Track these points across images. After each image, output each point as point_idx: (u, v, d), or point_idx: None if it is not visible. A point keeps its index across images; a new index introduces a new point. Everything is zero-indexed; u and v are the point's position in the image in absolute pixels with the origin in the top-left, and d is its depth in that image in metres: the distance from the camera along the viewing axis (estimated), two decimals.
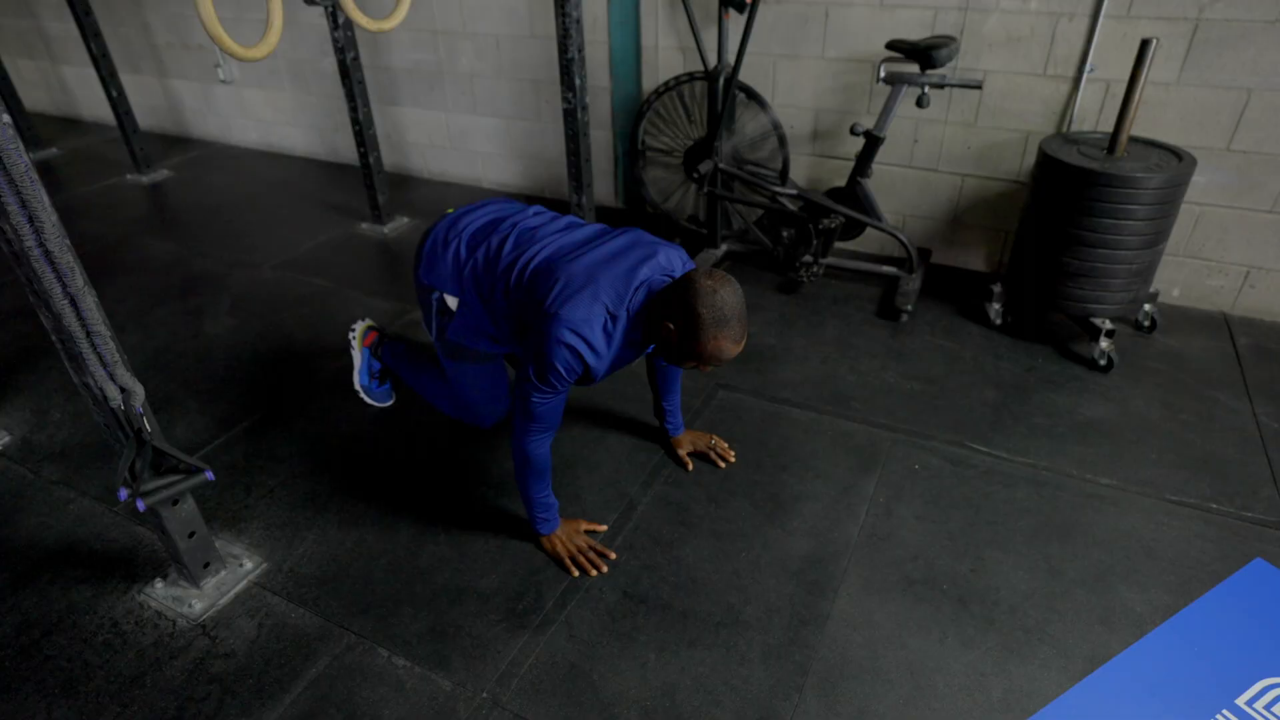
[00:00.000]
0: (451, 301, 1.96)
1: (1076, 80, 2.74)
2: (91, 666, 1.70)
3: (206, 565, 1.88)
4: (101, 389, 1.51)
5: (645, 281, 1.69)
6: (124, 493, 1.61)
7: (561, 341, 1.62)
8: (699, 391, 2.53)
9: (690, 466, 2.21)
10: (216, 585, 1.88)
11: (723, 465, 2.21)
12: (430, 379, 2.31)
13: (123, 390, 1.54)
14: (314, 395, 2.58)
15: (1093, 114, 2.77)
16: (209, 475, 1.71)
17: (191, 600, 1.84)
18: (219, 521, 2.08)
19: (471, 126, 4.11)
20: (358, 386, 2.48)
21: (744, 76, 3.21)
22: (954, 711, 1.57)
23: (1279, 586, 1.82)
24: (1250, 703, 1.57)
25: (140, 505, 1.62)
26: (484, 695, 1.62)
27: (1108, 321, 2.56)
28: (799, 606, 1.79)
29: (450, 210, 2.04)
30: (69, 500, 2.17)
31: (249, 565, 1.94)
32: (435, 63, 3.98)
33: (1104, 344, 2.56)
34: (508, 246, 1.84)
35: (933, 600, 1.80)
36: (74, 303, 1.42)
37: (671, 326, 1.62)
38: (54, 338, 1.46)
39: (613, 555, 1.92)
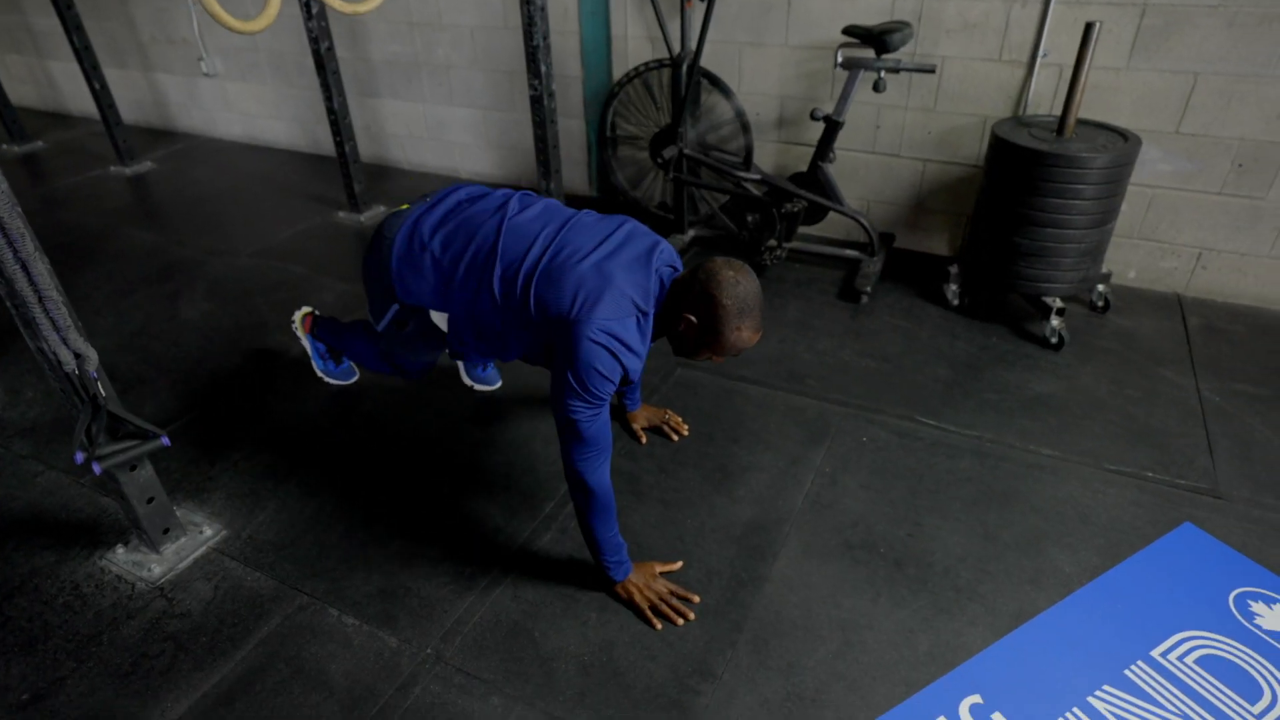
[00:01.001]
0: (439, 318, 1.82)
1: (1031, 65, 2.80)
2: (51, 626, 1.76)
3: (166, 531, 1.93)
4: (55, 353, 1.57)
5: (657, 274, 1.63)
6: (80, 456, 1.67)
7: (597, 343, 1.52)
8: (659, 370, 2.58)
9: (644, 440, 2.25)
10: (176, 551, 1.94)
11: (675, 439, 2.26)
12: (360, 343, 2.25)
13: (76, 355, 1.60)
14: (281, 375, 2.64)
15: (1047, 98, 2.83)
16: (165, 441, 1.77)
17: (151, 565, 1.90)
18: (182, 492, 2.13)
19: (448, 117, 4.16)
20: (319, 374, 2.53)
21: (710, 65, 3.27)
22: (880, 664, 1.62)
23: (1205, 548, 1.87)
24: (1165, 654, 1.62)
25: (96, 468, 1.68)
26: (428, 651, 1.68)
27: (1059, 300, 2.62)
28: (739, 569, 1.85)
29: (404, 207, 1.86)
30: (37, 473, 2.22)
31: (209, 532, 1.99)
32: (412, 54, 4.04)
33: (1055, 322, 2.61)
34: (496, 255, 1.67)
35: (869, 563, 1.85)
36: (25, 268, 1.47)
37: (693, 319, 1.57)
38: (8, 304, 1.52)
39: (696, 599, 1.76)
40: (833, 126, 2.90)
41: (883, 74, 2.74)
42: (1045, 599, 1.76)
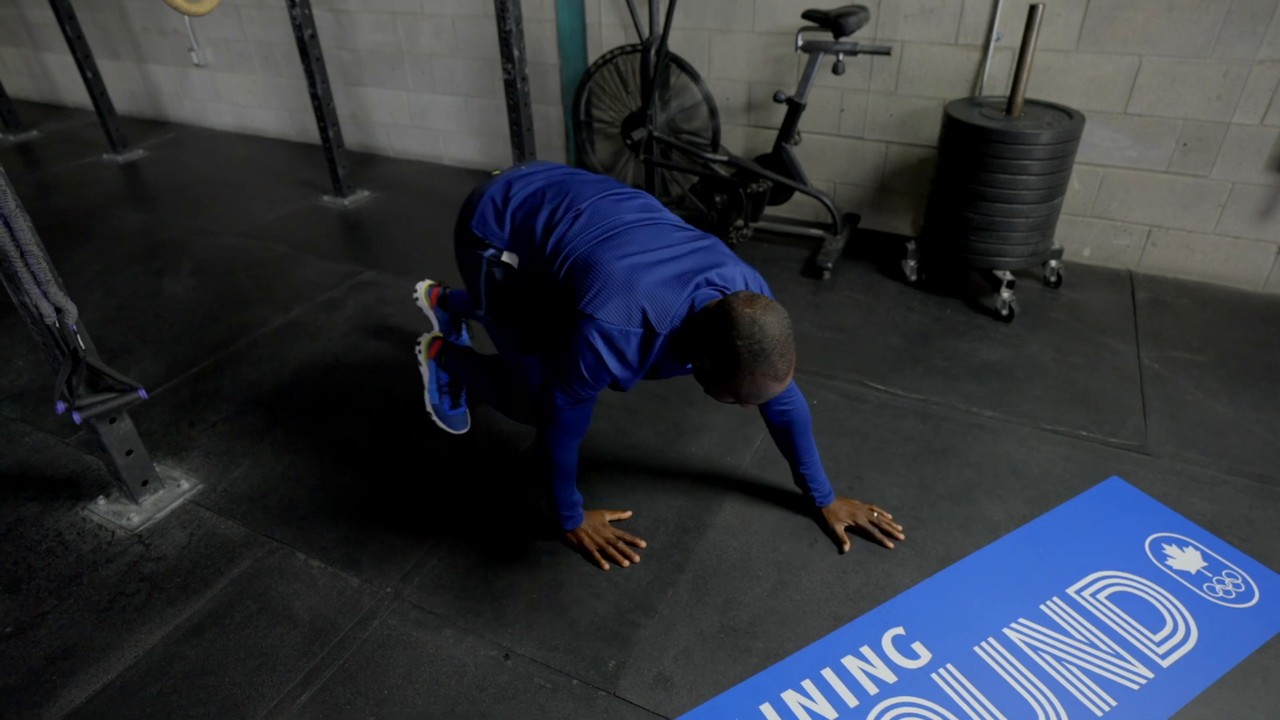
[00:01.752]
0: (510, 258, 1.76)
1: (985, 48, 2.90)
2: (34, 569, 1.86)
3: (145, 484, 2.04)
4: (37, 306, 1.67)
5: (691, 298, 1.50)
6: (61, 405, 1.77)
7: (591, 347, 1.48)
8: None
9: (848, 546, 1.84)
10: (154, 502, 2.04)
11: (890, 545, 1.84)
12: (488, 374, 2.13)
13: (57, 309, 1.70)
14: (261, 344, 2.74)
15: (1002, 80, 2.93)
16: (142, 394, 1.88)
17: (130, 514, 2.00)
18: (163, 450, 2.24)
19: (431, 105, 4.27)
20: (429, 408, 2.27)
21: (681, 51, 3.37)
22: (812, 600, 1.73)
23: (1129, 499, 1.98)
24: (1080, 591, 1.73)
25: (76, 417, 1.78)
26: (388, 590, 1.78)
27: (1009, 274, 2.72)
28: (684, 517, 1.95)
29: (497, 173, 1.87)
30: (25, 434, 2.33)
31: (186, 486, 2.10)
32: (395, 43, 4.14)
33: (1005, 294, 2.71)
34: (558, 217, 1.66)
35: (809, 512, 1.96)
36: (8, 224, 1.58)
37: (708, 360, 1.43)
38: None
39: (643, 544, 1.85)
40: (795, 108, 3.00)
41: (841, 57, 2.85)
42: (972, 544, 1.86)
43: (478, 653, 1.63)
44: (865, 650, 1.61)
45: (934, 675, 1.56)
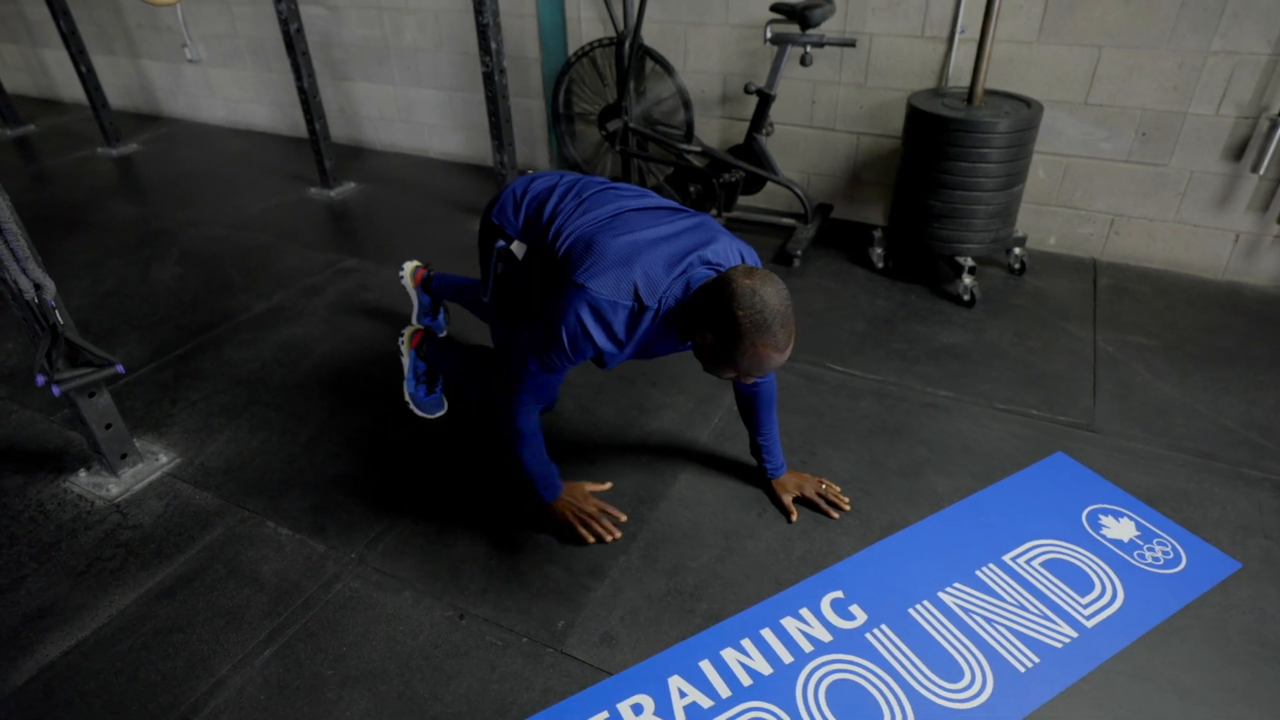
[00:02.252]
0: (519, 249, 1.81)
1: (950, 41, 2.97)
2: (16, 536, 1.95)
3: (124, 457, 2.12)
4: (16, 282, 1.75)
5: (685, 274, 1.51)
6: (41, 378, 1.85)
7: (579, 316, 1.48)
8: None
9: (794, 517, 1.90)
10: (133, 475, 2.12)
11: (835, 516, 1.91)
12: (473, 370, 2.20)
13: (36, 285, 1.78)
14: (243, 328, 2.82)
15: (966, 72, 2.99)
16: (119, 369, 1.95)
17: (109, 486, 2.09)
18: (144, 427, 2.32)
19: (417, 99, 4.35)
20: (407, 397, 2.34)
21: (657, 44, 3.44)
22: (757, 565, 1.80)
23: (1072, 473, 2.04)
24: (1015, 558, 1.80)
25: (55, 390, 1.86)
26: (352, 555, 1.86)
27: (970, 260, 2.79)
28: (640, 490, 2.03)
29: (531, 170, 1.96)
30: (11, 412, 2.41)
31: (164, 460, 2.18)
32: (381, 38, 4.22)
33: (967, 280, 2.78)
34: (563, 205, 1.72)
35: (760, 483, 2.03)
36: None
37: (708, 333, 1.45)
38: None
39: (623, 517, 1.86)
40: (765, 99, 3.07)
41: (808, 49, 2.91)
42: (916, 514, 1.93)
43: (434, 613, 1.71)
44: (804, 612, 1.68)
45: (868, 635, 1.63)
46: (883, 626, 1.64)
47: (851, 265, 3.13)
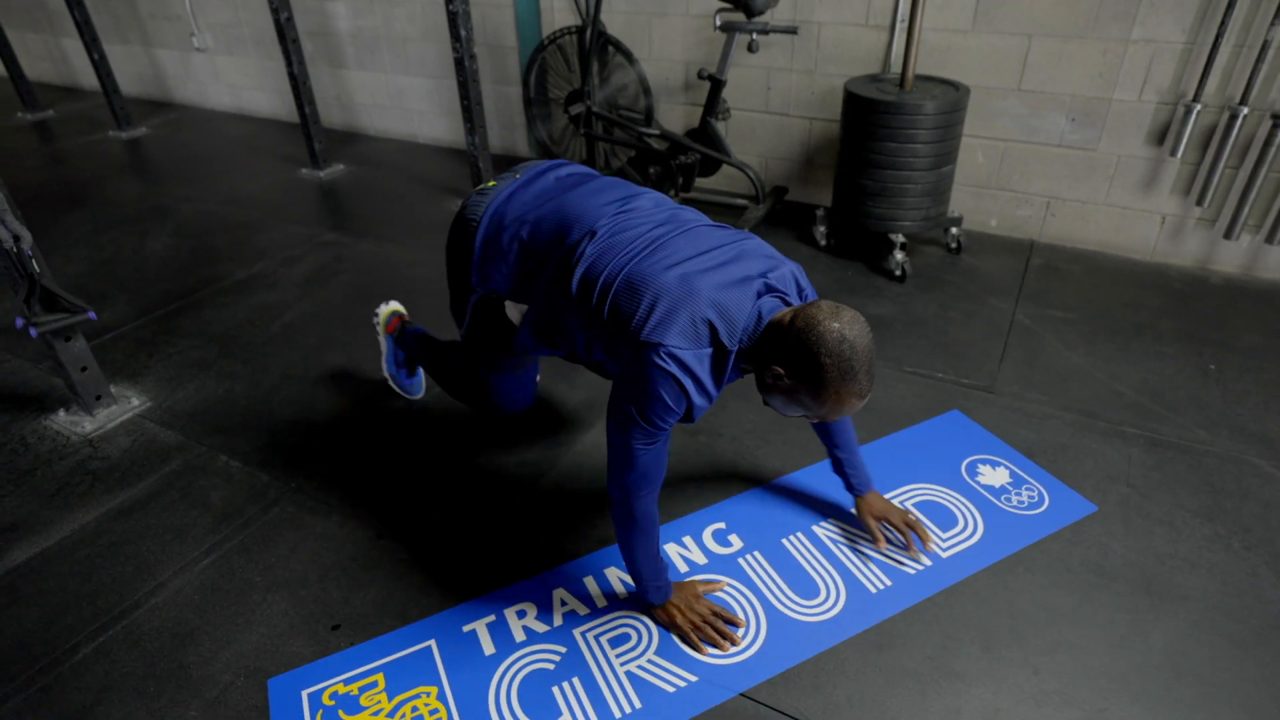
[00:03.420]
0: (513, 312, 1.69)
1: (892, 29, 3.11)
2: None
3: (99, 398, 2.34)
4: None
5: (756, 304, 1.37)
6: (20, 321, 2.08)
7: (664, 371, 1.31)
8: None
9: (881, 545, 1.78)
10: (106, 415, 2.34)
11: (915, 553, 1.78)
12: (453, 372, 2.07)
13: (15, 237, 2.01)
14: (224, 292, 3.05)
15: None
16: (91, 315, 2.18)
17: (84, 424, 2.31)
18: (122, 375, 2.55)
19: (407, 86, 4.56)
20: (385, 374, 2.34)
21: (623, 34, 3.62)
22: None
23: (962, 428, 2.19)
24: (891, 498, 1.95)
25: (33, 332, 2.09)
26: (292, 485, 2.06)
27: (902, 236, 2.93)
28: (556, 434, 2.21)
29: (490, 184, 1.70)
30: (3, 360, 2.65)
31: (136, 403, 2.40)
32: (373, 28, 4.44)
33: (899, 256, 2.93)
34: (584, 250, 1.47)
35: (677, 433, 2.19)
36: None
37: (782, 373, 1.32)
38: None
39: (741, 622, 1.64)
40: (716, 85, 3.24)
41: (755, 35, 3.07)
42: (808, 460, 2.09)
43: (356, 533, 1.90)
44: (687, 539, 1.86)
45: (740, 559, 1.80)
46: (755, 553, 1.81)
47: (798, 243, 3.29)
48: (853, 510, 1.87)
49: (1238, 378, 2.36)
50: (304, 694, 1.53)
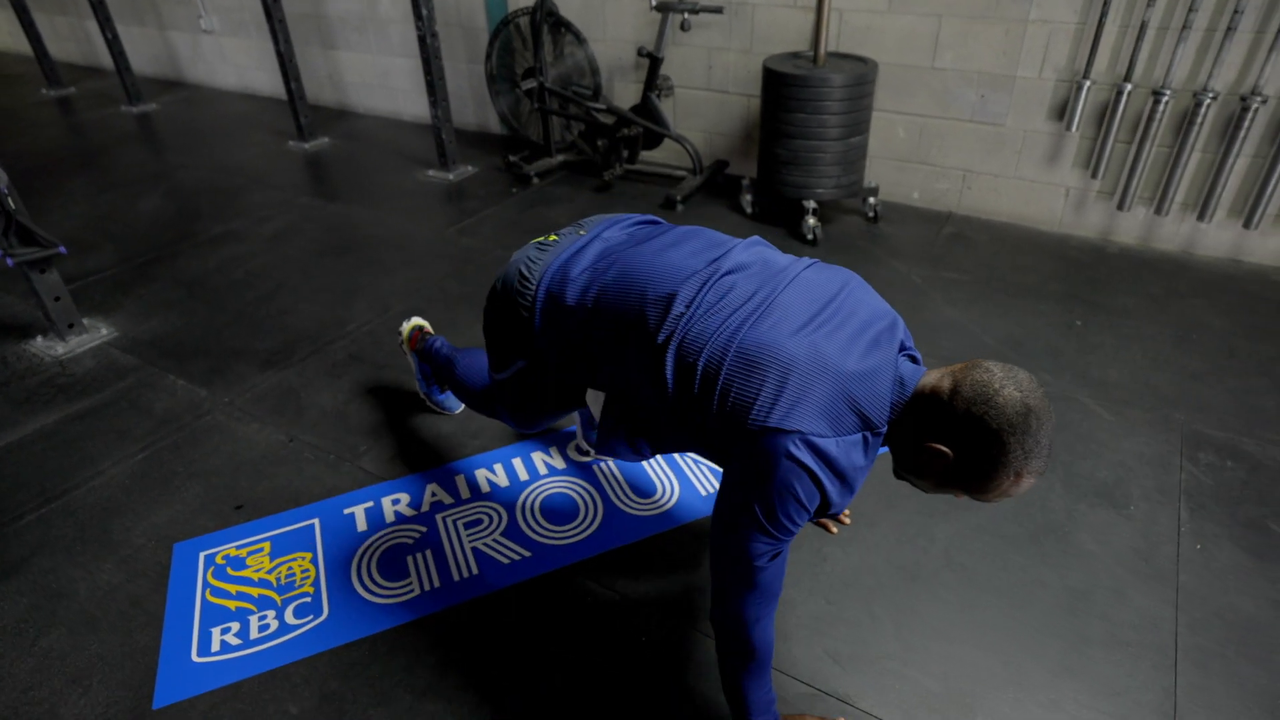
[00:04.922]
0: (593, 399, 1.43)
1: (820, 10, 3.31)
2: None
3: (71, 326, 2.66)
4: None
5: (898, 375, 1.14)
6: None
7: (799, 463, 1.07)
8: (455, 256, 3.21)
9: (834, 529, 1.82)
10: (78, 341, 2.66)
11: (834, 531, 1.82)
12: (470, 382, 1.91)
13: None
14: (199, 245, 3.37)
15: (832, 38, 3.34)
16: (62, 250, 2.49)
17: (57, 348, 2.63)
18: (97, 310, 2.87)
19: (392, 67, 4.86)
20: (421, 394, 2.22)
21: (577, 16, 3.86)
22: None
23: None
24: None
25: (9, 262, 2.41)
26: (226, 400, 2.35)
27: (813, 203, 3.14)
28: None
29: (551, 239, 1.44)
30: None
31: (105, 333, 2.72)
32: (360, 10, 4.75)
33: (811, 221, 3.14)
34: (673, 342, 1.20)
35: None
36: None
37: (946, 452, 1.08)
38: None
39: None
40: (655, 62, 3.47)
41: (686, 15, 3.30)
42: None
43: (271, 437, 2.19)
44: (553, 449, 2.11)
45: (594, 466, 2.04)
46: (609, 461, 2.05)
47: (729, 211, 3.51)
48: None
49: (1098, 332, 2.54)
50: (200, 555, 1.82)
